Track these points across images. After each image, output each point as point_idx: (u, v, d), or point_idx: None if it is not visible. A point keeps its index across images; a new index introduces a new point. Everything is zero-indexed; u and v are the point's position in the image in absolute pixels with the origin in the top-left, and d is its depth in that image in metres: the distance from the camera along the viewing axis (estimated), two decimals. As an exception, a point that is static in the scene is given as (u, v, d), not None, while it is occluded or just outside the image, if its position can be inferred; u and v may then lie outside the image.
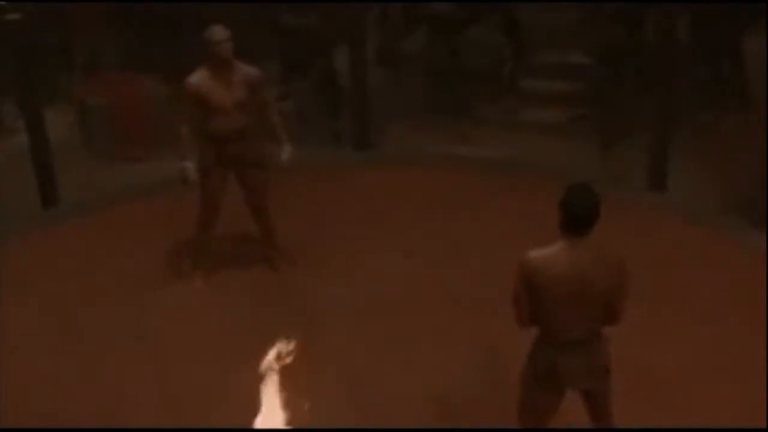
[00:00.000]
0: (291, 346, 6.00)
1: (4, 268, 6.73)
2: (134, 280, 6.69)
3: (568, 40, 9.23)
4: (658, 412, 5.13)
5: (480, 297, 6.27)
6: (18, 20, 7.52)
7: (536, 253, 4.10)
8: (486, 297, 6.24)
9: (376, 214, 7.52)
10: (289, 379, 5.71)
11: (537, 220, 7.21)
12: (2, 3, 7.48)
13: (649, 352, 5.51)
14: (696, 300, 6.22)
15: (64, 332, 6.13)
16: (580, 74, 9.15)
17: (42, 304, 6.44)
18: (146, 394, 5.53)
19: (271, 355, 5.88)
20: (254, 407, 5.46)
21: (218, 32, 6.11)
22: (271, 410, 5.46)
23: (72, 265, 6.91)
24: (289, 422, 5.38)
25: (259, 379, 5.67)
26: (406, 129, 9.11)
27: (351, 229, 7.29)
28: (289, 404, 5.50)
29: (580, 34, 9.17)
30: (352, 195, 7.90)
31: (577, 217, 4.03)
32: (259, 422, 5.38)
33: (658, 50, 7.94)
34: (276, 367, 5.78)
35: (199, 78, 6.17)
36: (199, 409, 5.39)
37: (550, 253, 4.09)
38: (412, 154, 8.71)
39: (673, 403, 5.27)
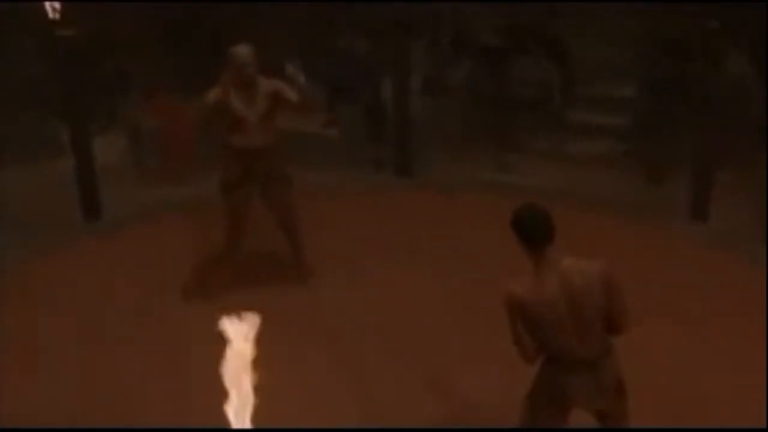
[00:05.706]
0: (313, 360, 5.98)
1: (35, 278, 6.88)
2: (160, 292, 6.73)
3: (616, 71, 9.15)
4: (659, 412, 5.07)
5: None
6: (71, 37, 7.59)
7: (517, 283, 4.05)
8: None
9: (409, 235, 7.50)
10: (310, 392, 5.67)
11: (575, 247, 7.12)
12: (56, 18, 7.53)
13: (651, 357, 5.46)
14: (710, 314, 6.19)
15: (83, 340, 6.20)
16: (628, 107, 9.04)
17: (68, 313, 6.54)
18: (161, 401, 5.57)
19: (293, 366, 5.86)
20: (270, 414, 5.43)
21: (245, 54, 6.12)
22: (289, 417, 5.43)
23: (101, 277, 6.99)
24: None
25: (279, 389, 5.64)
26: (450, 158, 9.09)
27: (383, 248, 7.26)
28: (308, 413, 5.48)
29: (629, 66, 9.09)
30: (386, 216, 7.89)
31: (532, 232, 4.01)
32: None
33: (705, 83, 7.80)
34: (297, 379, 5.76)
35: (223, 92, 6.15)
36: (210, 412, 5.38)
37: (531, 278, 4.03)
38: (450, 179, 8.67)
39: (673, 403, 5.22)
